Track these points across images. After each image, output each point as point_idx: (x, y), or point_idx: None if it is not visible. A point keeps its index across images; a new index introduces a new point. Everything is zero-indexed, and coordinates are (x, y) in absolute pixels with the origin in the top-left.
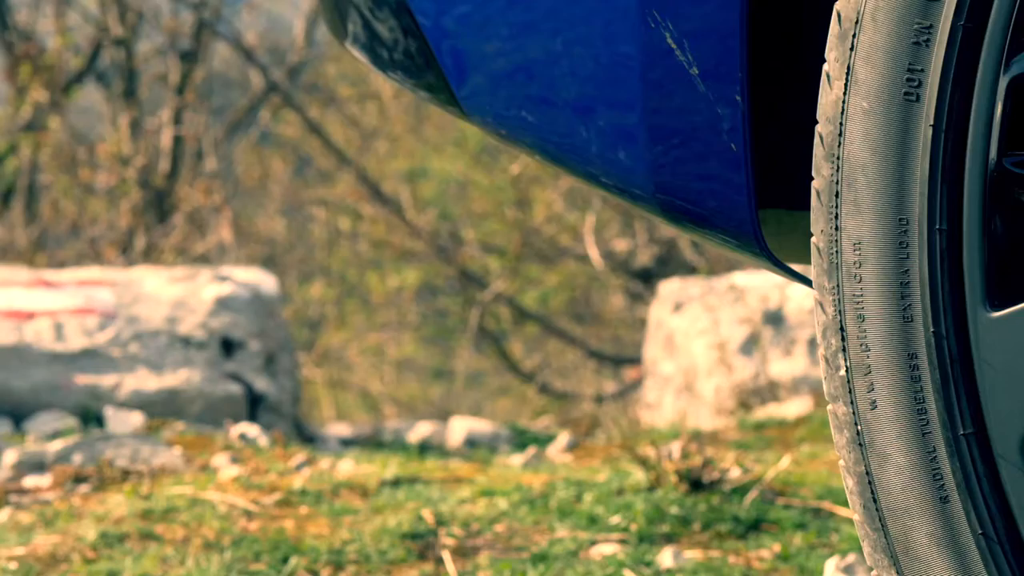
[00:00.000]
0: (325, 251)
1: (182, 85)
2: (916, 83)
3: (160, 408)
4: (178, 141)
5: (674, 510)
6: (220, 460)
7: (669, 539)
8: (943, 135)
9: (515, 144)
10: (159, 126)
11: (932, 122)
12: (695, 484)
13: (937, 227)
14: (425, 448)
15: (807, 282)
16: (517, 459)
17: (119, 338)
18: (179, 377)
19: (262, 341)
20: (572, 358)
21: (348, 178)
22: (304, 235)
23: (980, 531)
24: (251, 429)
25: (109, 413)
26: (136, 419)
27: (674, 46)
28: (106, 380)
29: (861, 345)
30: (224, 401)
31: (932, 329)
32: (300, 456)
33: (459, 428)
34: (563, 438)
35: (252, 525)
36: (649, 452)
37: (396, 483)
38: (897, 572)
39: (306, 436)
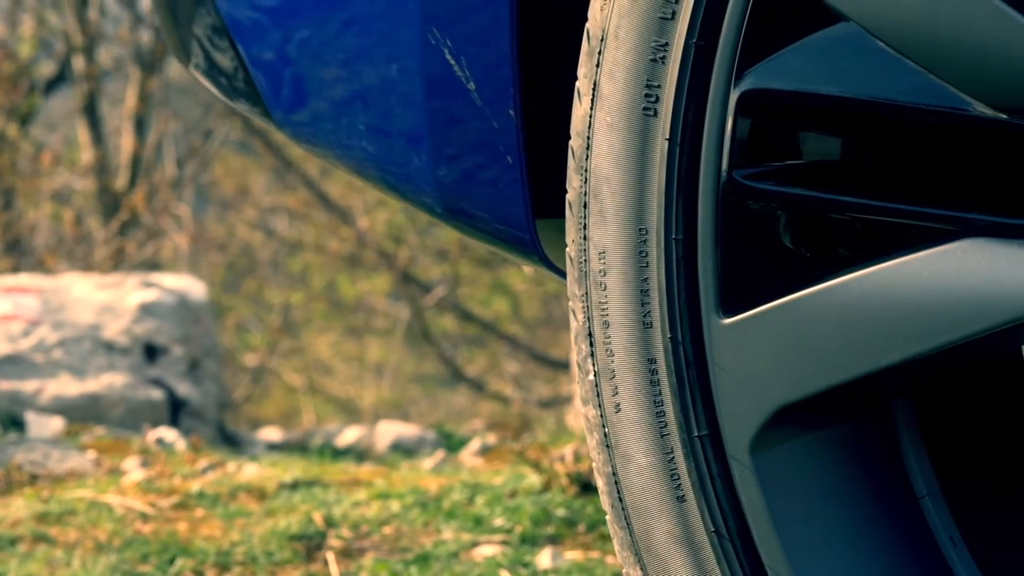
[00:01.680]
0: (289, 257)
1: (142, 93)
2: (654, 99)
3: (82, 413)
4: (138, 149)
5: (561, 512)
6: (130, 464)
7: (553, 540)
8: (678, 148)
9: (337, 165)
10: (119, 134)
11: (668, 136)
12: (585, 486)
13: (674, 237)
14: (345, 452)
15: None
16: (428, 463)
17: (43, 344)
18: (101, 382)
19: (186, 347)
20: (520, 363)
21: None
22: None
23: (713, 529)
24: (169, 434)
25: (30, 418)
26: (56, 424)
27: (452, 62)
28: (28, 385)
29: (607, 350)
30: (145, 406)
31: (669, 335)
32: (206, 460)
33: (386, 432)
34: (476, 442)
35: (146, 527)
36: (541, 456)
37: (294, 486)
38: (641, 568)
39: (232, 441)
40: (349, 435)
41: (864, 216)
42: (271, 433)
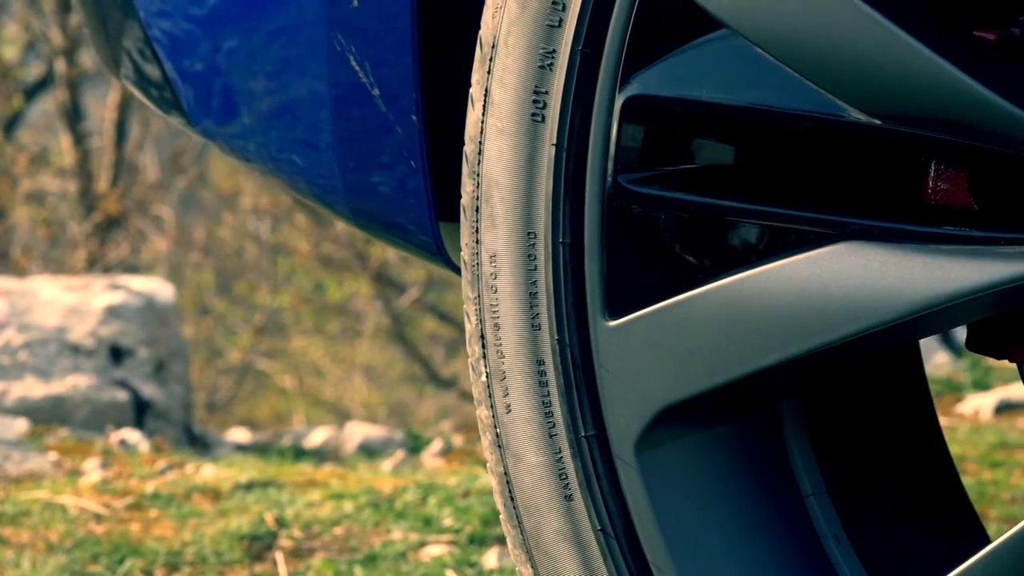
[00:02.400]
0: (276, 259)
1: (124, 96)
2: (542, 105)
3: (46, 415)
4: (120, 151)
5: None
6: (90, 465)
7: (501, 540)
8: (565, 153)
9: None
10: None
11: (555, 141)
12: None
13: (561, 241)
14: (312, 453)
15: None
16: (388, 464)
17: (9, 346)
18: (66, 384)
19: (152, 348)
20: None
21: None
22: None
23: (600, 527)
24: (132, 435)
25: None
26: (21, 425)
27: (357, 69)
28: None
29: (498, 352)
30: (110, 407)
31: (557, 337)
32: (165, 461)
33: (355, 433)
34: (437, 443)
35: (99, 528)
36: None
37: (249, 487)
38: (532, 566)
39: (200, 442)
40: (317, 436)
41: (744, 220)
42: (240, 434)
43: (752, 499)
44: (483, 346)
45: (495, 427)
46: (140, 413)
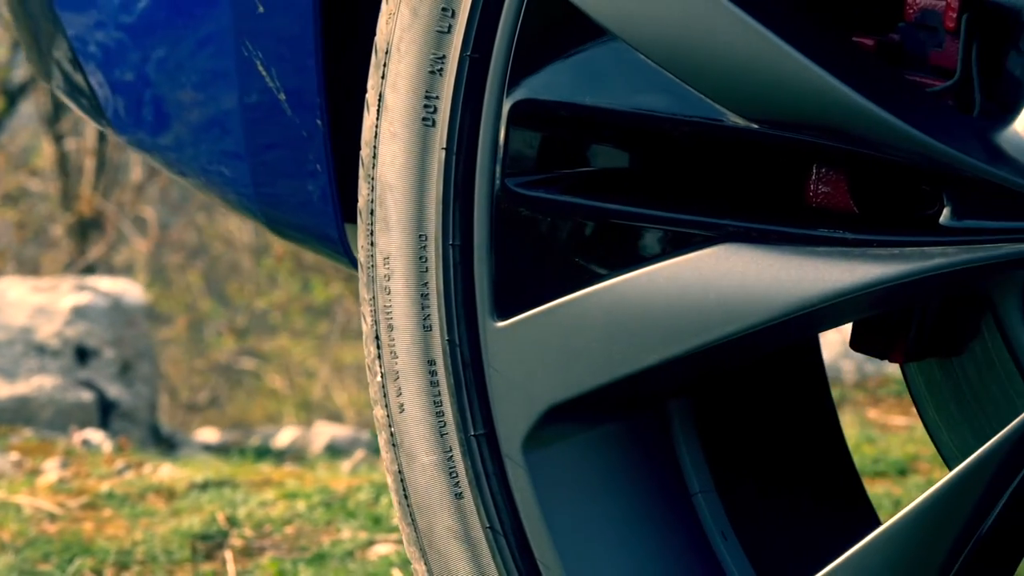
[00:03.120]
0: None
1: None
2: (432, 109)
3: (11, 415)
4: (102, 153)
5: None
6: (50, 465)
7: None
8: (455, 157)
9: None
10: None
11: (445, 145)
12: None
13: (451, 243)
14: (280, 453)
15: None
16: (347, 464)
17: None
18: (31, 384)
19: (118, 349)
20: None
21: None
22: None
23: (488, 525)
24: (96, 435)
25: None
26: None
27: (264, 74)
28: None
29: (391, 353)
30: (75, 408)
31: (447, 337)
32: (123, 461)
33: (322, 433)
34: None
35: (52, 527)
36: None
37: (204, 486)
38: (425, 564)
39: (169, 442)
40: (285, 436)
41: (627, 222)
42: (208, 434)
43: (640, 497)
44: (378, 347)
45: (389, 426)
46: (105, 413)
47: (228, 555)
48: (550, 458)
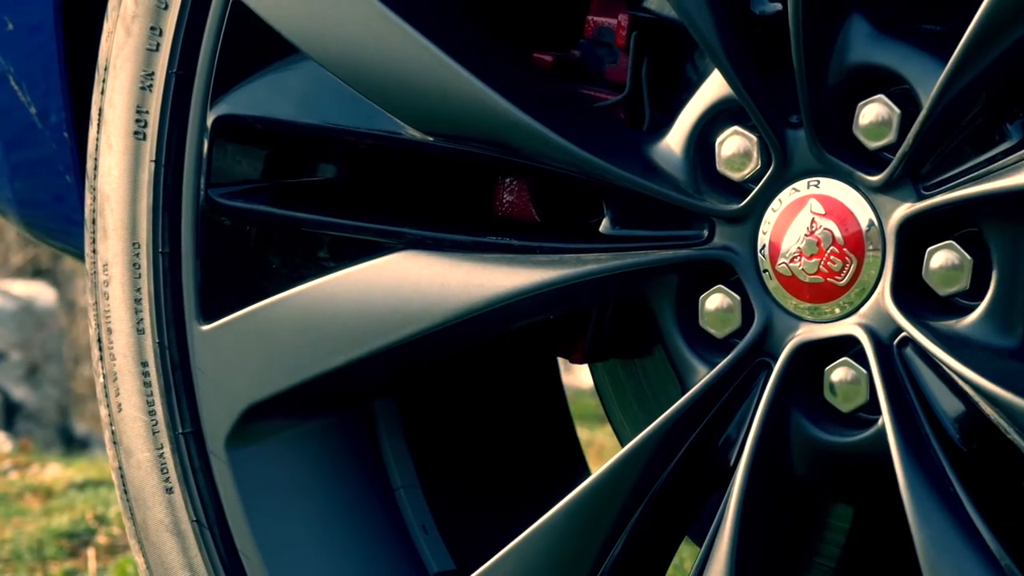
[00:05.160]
0: None
1: None
2: (143, 123)
3: None
4: None
5: None
6: None
7: None
8: (163, 169)
9: None
10: None
11: (154, 158)
12: None
13: (160, 251)
14: None
15: None
16: None
17: None
18: None
19: (26, 352)
20: None
21: None
22: None
23: (195, 518)
24: None
25: None
26: None
27: (16, 88)
28: None
29: (111, 355)
30: None
31: (158, 340)
32: (10, 461)
33: None
34: None
35: None
36: None
37: (83, 486)
38: (143, 555)
39: (79, 443)
40: None
41: (319, 231)
42: None
43: (343, 492)
44: (100, 349)
45: (111, 425)
46: (10, 415)
47: (91, 553)
48: (253, 455)
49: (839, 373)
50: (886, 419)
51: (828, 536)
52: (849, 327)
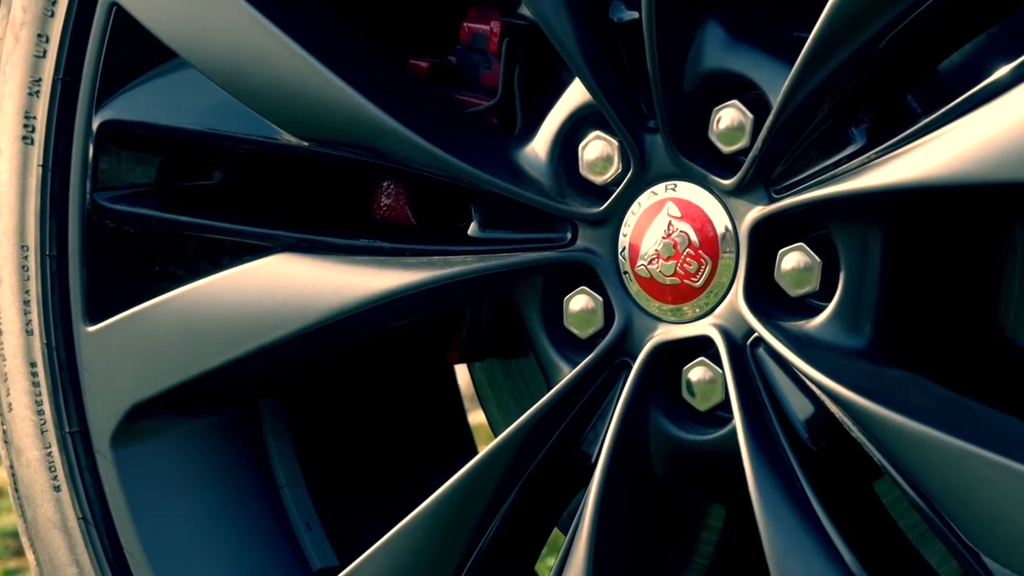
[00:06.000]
0: None
1: None
2: (31, 128)
3: None
4: None
5: None
6: None
7: None
8: (50, 173)
9: None
10: None
11: (42, 162)
12: None
13: (48, 253)
14: None
15: None
16: None
17: None
18: None
19: None
20: None
21: None
22: None
23: (81, 516)
24: None
25: None
26: None
27: None
28: None
29: (1, 355)
30: None
31: (46, 341)
32: None
33: None
34: None
35: None
36: None
37: None
38: (34, 552)
39: None
40: None
41: (200, 234)
42: None
43: (229, 490)
44: None
45: (2, 424)
46: None
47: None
48: (138, 453)
49: (696, 373)
50: (736, 417)
51: (704, 536)
52: (704, 328)
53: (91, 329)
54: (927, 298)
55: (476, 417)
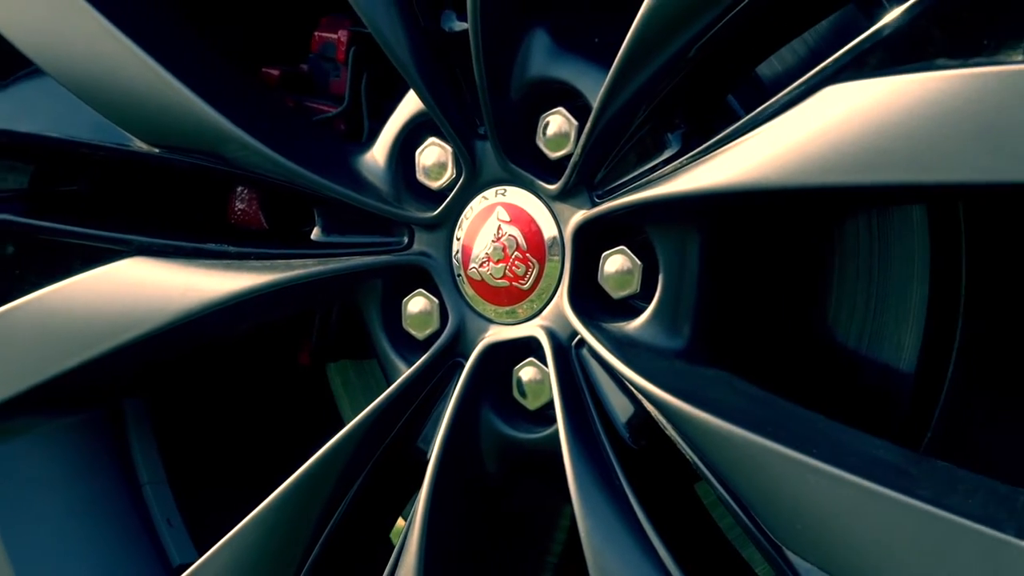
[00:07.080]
0: None
1: None
2: None
3: None
4: None
5: None
6: None
7: None
8: None
9: None
10: None
11: None
12: None
13: None
14: None
15: None
16: None
17: None
18: None
19: None
20: None
21: None
22: None
23: None
24: None
25: None
26: None
27: None
28: None
29: None
30: None
31: None
32: None
33: None
34: None
35: None
36: None
37: None
38: None
39: None
40: None
41: (55, 239)
42: None
43: (90, 488)
44: None
45: None
46: None
47: None
48: (0, 452)
49: (527, 373)
50: (558, 416)
51: (557, 536)
52: (532, 329)
53: None
54: (746, 299)
55: None
